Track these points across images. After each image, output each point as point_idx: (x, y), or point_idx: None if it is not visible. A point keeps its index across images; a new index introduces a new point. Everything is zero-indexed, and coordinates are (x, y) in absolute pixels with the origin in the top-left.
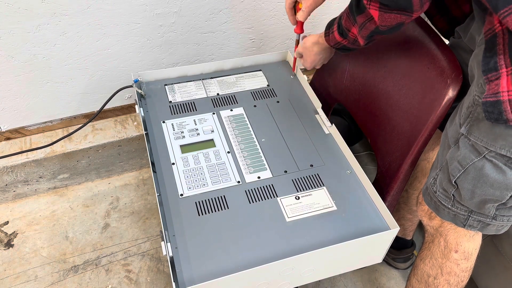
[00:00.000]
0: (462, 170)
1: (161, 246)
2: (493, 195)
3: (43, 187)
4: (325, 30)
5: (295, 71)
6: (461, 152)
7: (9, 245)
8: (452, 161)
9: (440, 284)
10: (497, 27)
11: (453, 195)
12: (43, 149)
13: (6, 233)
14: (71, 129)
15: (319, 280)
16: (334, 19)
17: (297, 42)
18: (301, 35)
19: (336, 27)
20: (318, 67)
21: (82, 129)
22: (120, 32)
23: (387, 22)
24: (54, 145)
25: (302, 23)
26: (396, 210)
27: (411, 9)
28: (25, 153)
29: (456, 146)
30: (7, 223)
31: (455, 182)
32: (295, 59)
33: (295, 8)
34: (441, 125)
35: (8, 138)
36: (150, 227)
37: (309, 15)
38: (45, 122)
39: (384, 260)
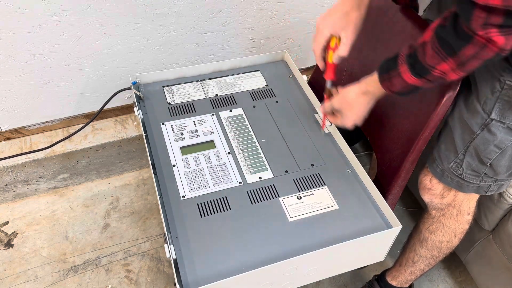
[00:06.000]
0: (499, 152)
1: (161, 246)
2: None
3: (43, 187)
4: (380, 74)
5: (324, 129)
6: (498, 136)
7: (9, 245)
8: (486, 145)
9: (454, 244)
10: None
11: (484, 173)
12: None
13: (6, 233)
14: (71, 129)
15: (319, 280)
16: (393, 60)
17: (328, 92)
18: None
19: (408, 68)
20: (361, 122)
21: (82, 129)
22: (120, 32)
23: None
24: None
25: (334, 67)
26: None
27: None
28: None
29: (485, 131)
30: (7, 223)
31: (490, 163)
32: (324, 116)
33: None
34: None
35: (8, 138)
36: (150, 227)
37: (350, 47)
38: (45, 122)
39: None
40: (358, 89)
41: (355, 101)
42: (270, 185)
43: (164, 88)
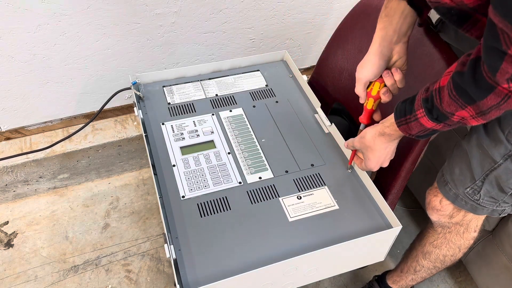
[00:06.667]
0: None
1: (161, 246)
2: None
3: (43, 187)
4: (397, 117)
5: (351, 164)
6: None
7: (9, 245)
8: (509, 176)
9: (458, 257)
10: None
11: (503, 200)
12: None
13: (6, 233)
14: (71, 129)
15: (319, 280)
16: (409, 103)
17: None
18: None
19: (425, 112)
20: (386, 164)
21: (82, 129)
22: (120, 32)
23: None
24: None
25: (371, 112)
26: None
27: None
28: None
29: (509, 162)
30: (7, 223)
31: (511, 193)
32: (353, 152)
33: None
34: None
35: (8, 138)
36: (150, 227)
37: (364, 86)
38: (45, 122)
39: None
40: (375, 131)
41: (373, 143)
42: (270, 185)
43: (164, 88)
